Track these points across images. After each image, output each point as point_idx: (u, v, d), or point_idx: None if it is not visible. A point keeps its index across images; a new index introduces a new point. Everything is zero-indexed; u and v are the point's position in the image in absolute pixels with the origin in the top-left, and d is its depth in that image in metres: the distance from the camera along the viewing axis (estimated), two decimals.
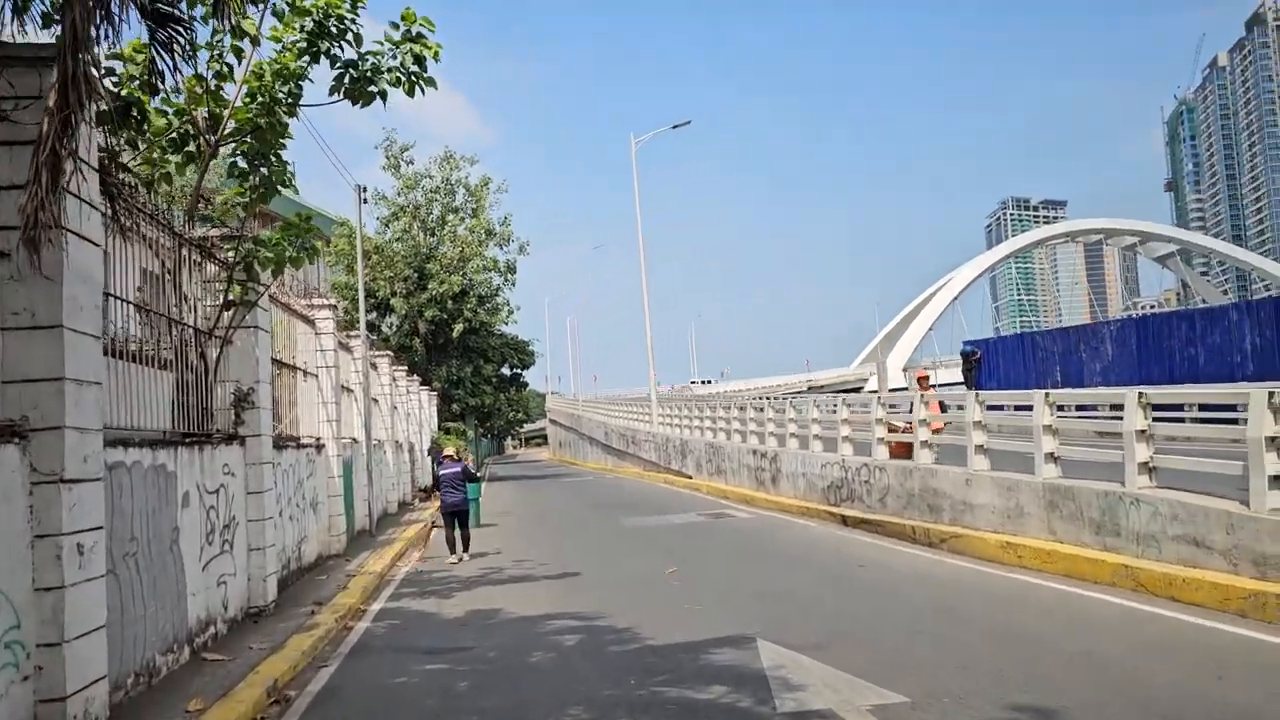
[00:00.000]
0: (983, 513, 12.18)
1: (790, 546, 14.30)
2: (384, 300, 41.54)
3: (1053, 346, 27.46)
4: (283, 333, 13.54)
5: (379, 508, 21.68)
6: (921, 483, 13.88)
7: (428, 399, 38.19)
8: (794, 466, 19.61)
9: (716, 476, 26.20)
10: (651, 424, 37.15)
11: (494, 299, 44.96)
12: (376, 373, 23.55)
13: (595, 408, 60.25)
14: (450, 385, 44.04)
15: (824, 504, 17.68)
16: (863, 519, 15.32)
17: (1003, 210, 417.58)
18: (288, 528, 12.08)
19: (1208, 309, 22.15)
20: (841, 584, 10.69)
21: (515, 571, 13.27)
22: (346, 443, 18.00)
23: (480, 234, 43.23)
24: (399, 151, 43.27)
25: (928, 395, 14.96)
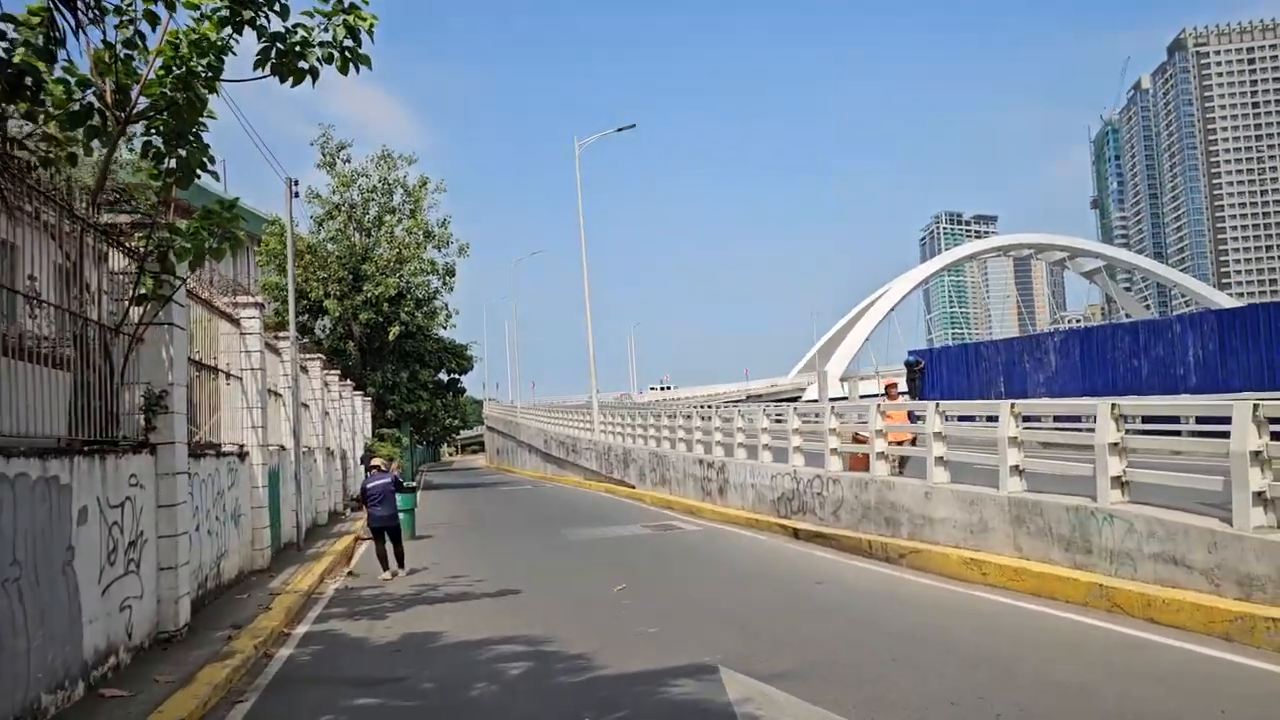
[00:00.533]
0: (943, 527, 11.75)
1: (743, 561, 13.73)
2: (317, 302, 40.20)
3: (996, 357, 27.45)
4: (204, 332, 12.59)
5: (308, 519, 20.62)
6: (878, 495, 13.42)
7: (361, 405, 36.95)
8: (742, 477, 19.09)
9: (661, 486, 25.60)
10: (593, 432, 36.44)
11: (431, 302, 43.90)
12: (307, 376, 22.47)
13: (534, 415, 59.31)
14: (385, 390, 42.81)
15: (774, 516, 17.17)
16: (816, 532, 14.83)
17: (936, 224, 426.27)
18: (206, 543, 11.14)
19: (1151, 321, 22.25)
20: (802, 603, 10.12)
21: (452, 589, 12.48)
22: (273, 450, 16.99)
23: (418, 235, 42.16)
24: (335, 148, 42.02)
25: (891, 405, 14.51)
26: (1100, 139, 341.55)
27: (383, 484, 14.21)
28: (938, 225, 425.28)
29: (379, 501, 14.08)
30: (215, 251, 9.16)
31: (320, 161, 42.11)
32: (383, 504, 14.06)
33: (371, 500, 14.12)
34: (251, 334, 14.18)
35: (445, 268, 43.48)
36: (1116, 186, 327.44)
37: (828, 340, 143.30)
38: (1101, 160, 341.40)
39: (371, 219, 42.49)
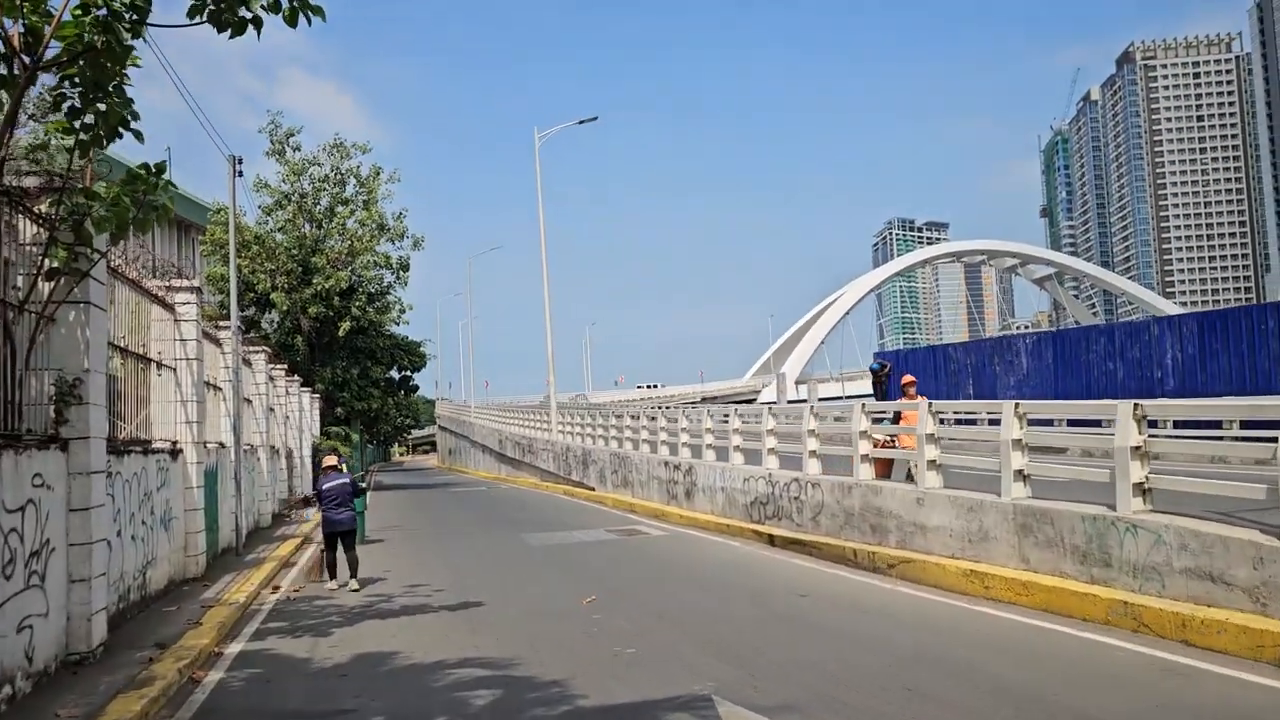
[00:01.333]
0: (938, 536, 10.97)
1: (717, 569, 12.86)
2: (264, 295, 38.64)
3: (965, 359, 26.94)
4: (133, 317, 11.41)
5: (249, 522, 19.38)
6: (863, 500, 12.62)
7: (310, 401, 35.54)
8: (712, 480, 18.23)
9: (623, 489, 24.68)
10: (551, 432, 35.41)
11: (384, 297, 42.49)
12: (250, 370, 21.19)
13: (489, 414, 58.06)
14: (335, 387, 41.34)
15: (746, 521, 16.34)
16: (793, 539, 14.00)
17: (889, 230, 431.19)
18: (129, 550, 10.00)
19: (1128, 323, 21.82)
20: (792, 621, 9.25)
21: (407, 600, 11.44)
22: (212, 448, 15.79)
23: (372, 228, 40.72)
24: (284, 136, 40.44)
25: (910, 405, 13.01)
26: (1050, 149, 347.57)
27: (339, 484, 12.87)
28: (890, 232, 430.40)
29: (336, 504, 12.79)
30: (139, 223, 8.06)
31: (269, 149, 40.50)
32: (340, 506, 12.80)
33: (327, 502, 12.82)
34: (187, 321, 13.00)
35: (399, 262, 42.11)
36: (1065, 195, 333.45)
37: (783, 343, 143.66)
38: (1051, 170, 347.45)
39: (323, 210, 40.96)
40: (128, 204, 7.89)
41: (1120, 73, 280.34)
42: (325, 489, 12.89)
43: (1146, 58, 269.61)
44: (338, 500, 12.79)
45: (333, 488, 12.85)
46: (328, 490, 12.86)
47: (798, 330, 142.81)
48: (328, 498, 12.82)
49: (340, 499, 12.79)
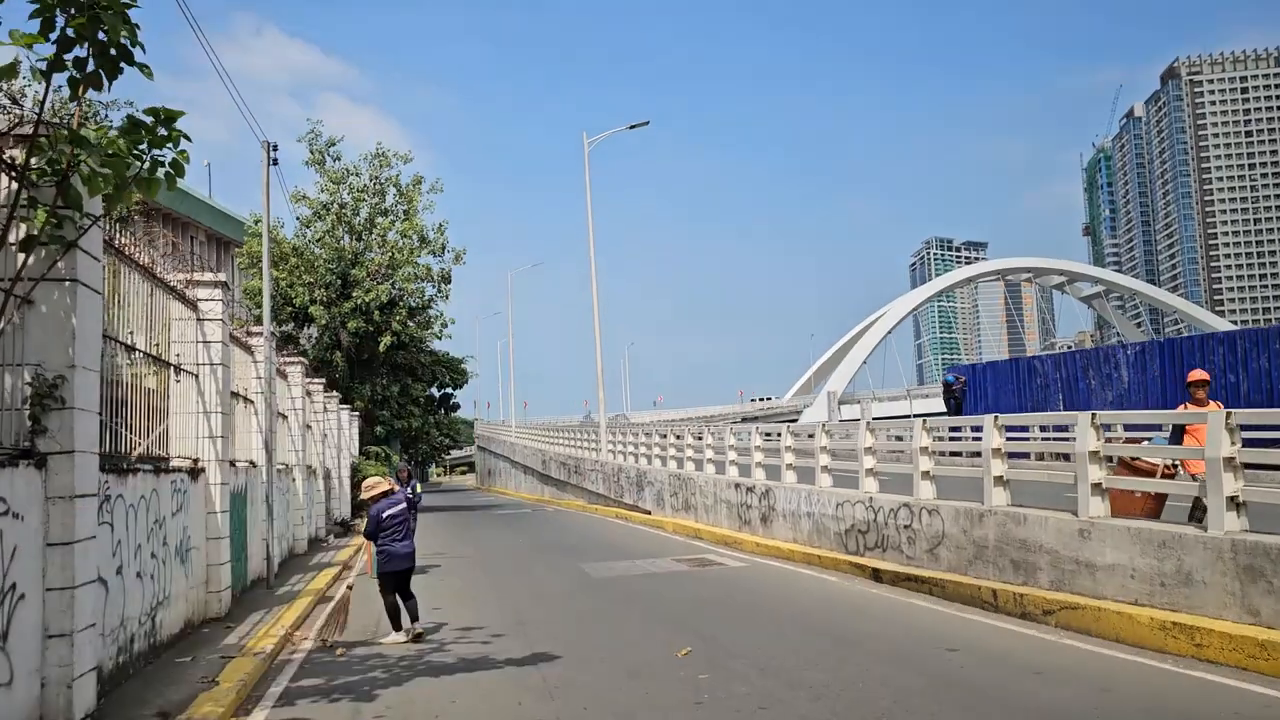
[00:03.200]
0: (1112, 577, 8.95)
1: (825, 611, 10.90)
2: (302, 309, 37.26)
3: (1055, 373, 24.78)
4: (145, 312, 9.74)
5: (283, 549, 17.72)
6: (1000, 531, 10.62)
7: (348, 419, 34.06)
8: (794, 504, 16.27)
9: (684, 513, 22.75)
10: (600, 452, 33.56)
11: (425, 311, 40.97)
12: (286, 383, 19.60)
13: (531, 434, 56.40)
14: (374, 405, 39.85)
15: (840, 552, 14.36)
16: (905, 574, 12.01)
17: (926, 249, 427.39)
18: (133, 590, 8.27)
19: (1253, 330, 19.62)
20: (962, 690, 7.27)
21: (463, 649, 9.61)
22: (242, 467, 14.14)
23: (413, 239, 39.31)
24: (325, 145, 39.21)
25: (1195, 417, 9.52)
26: (1092, 166, 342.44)
27: (399, 509, 10.47)
28: (928, 251, 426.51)
29: (397, 534, 10.36)
30: (148, 184, 6.40)
31: (308, 159, 39.31)
32: (403, 537, 10.40)
33: (386, 534, 10.33)
34: (211, 320, 11.32)
35: (440, 274, 40.60)
36: (1109, 213, 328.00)
37: (824, 363, 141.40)
38: (1094, 187, 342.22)
39: (362, 221, 39.61)
40: (127, 158, 6.24)
41: (1165, 89, 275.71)
42: (385, 516, 10.40)
43: (1192, 73, 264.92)
44: (399, 529, 10.42)
45: (393, 514, 10.43)
46: (387, 518, 10.39)
47: (839, 350, 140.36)
48: (387, 527, 10.38)
49: (403, 527, 10.46)
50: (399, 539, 10.39)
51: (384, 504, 10.45)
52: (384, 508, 10.42)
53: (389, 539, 10.35)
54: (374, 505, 10.50)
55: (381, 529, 10.38)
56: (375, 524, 10.41)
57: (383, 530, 10.37)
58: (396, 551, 10.35)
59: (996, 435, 11.03)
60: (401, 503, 10.58)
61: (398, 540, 10.39)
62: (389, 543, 10.35)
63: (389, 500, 10.50)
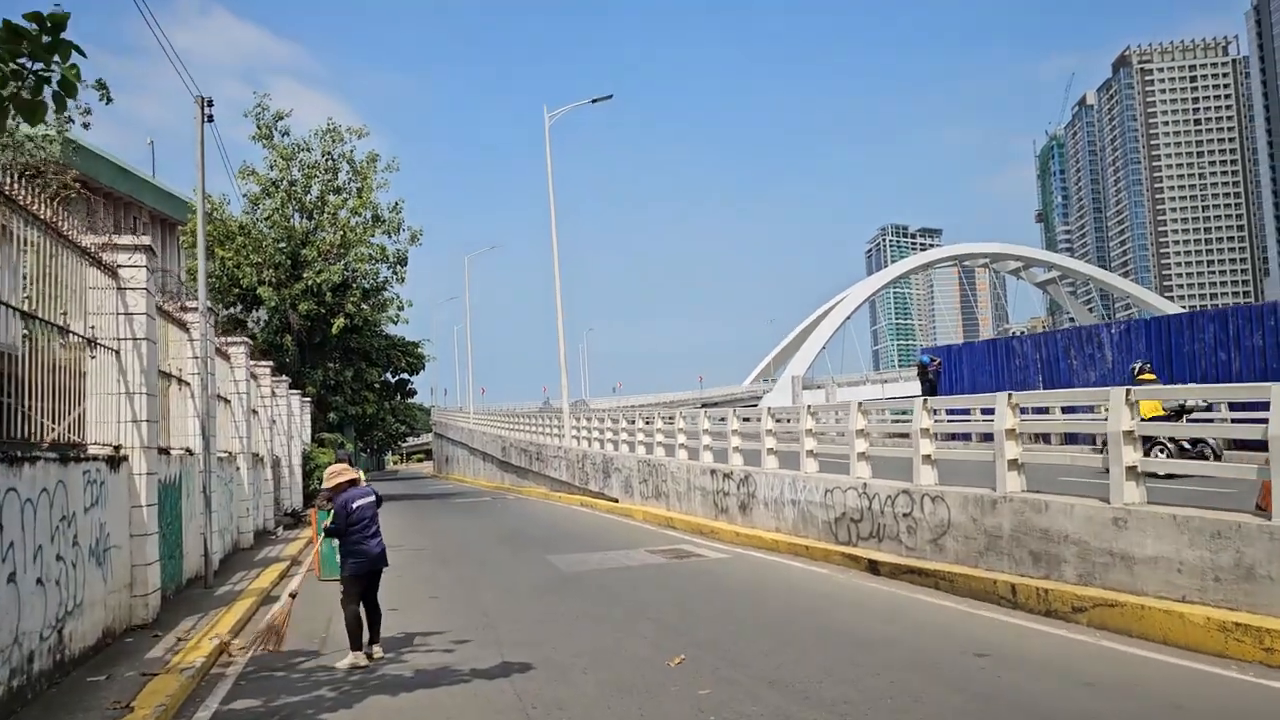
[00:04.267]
0: (1155, 571, 8.03)
1: (827, 611, 9.89)
2: (250, 290, 35.55)
3: (1034, 353, 24.08)
4: (49, 275, 8.43)
5: (225, 544, 16.39)
6: (1017, 520, 9.68)
7: (299, 405, 32.56)
8: (777, 491, 15.28)
9: (654, 500, 21.71)
10: (564, 438, 32.40)
11: (380, 293, 39.41)
12: (229, 365, 18.22)
13: (490, 420, 55.05)
14: (327, 390, 38.28)
15: (830, 542, 13.39)
16: (907, 567, 11.05)
17: (882, 236, 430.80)
18: (31, 601, 7.01)
19: (1247, 306, 18.99)
20: (996, 703, 6.30)
21: (425, 660, 8.46)
22: (178, 455, 12.83)
23: (366, 218, 37.71)
24: (273, 118, 37.41)
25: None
26: (1045, 153, 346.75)
27: (367, 501, 8.87)
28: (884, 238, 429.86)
29: (368, 529, 8.78)
30: (27, 106, 5.15)
31: (255, 133, 37.47)
32: (373, 534, 8.83)
33: (356, 530, 8.71)
34: (134, 289, 10.00)
35: (396, 255, 39.00)
36: (1061, 200, 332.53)
37: (782, 349, 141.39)
38: (1046, 174, 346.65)
39: (313, 199, 37.91)
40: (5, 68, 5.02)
41: (1116, 77, 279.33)
42: (355, 507, 8.74)
43: (1143, 61, 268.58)
44: (369, 524, 8.79)
45: (363, 506, 8.80)
46: (356, 509, 8.75)
47: (797, 336, 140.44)
48: (356, 522, 8.72)
49: (374, 522, 8.87)
50: (370, 535, 8.77)
51: (351, 494, 8.83)
52: (352, 499, 8.79)
53: (359, 536, 8.71)
54: (339, 496, 8.87)
55: (350, 525, 8.70)
56: (343, 518, 8.71)
57: (352, 526, 8.70)
58: (369, 551, 8.72)
59: (1010, 415, 10.08)
60: (371, 494, 8.96)
61: (370, 537, 8.76)
62: (360, 540, 8.71)
63: (357, 490, 8.89)
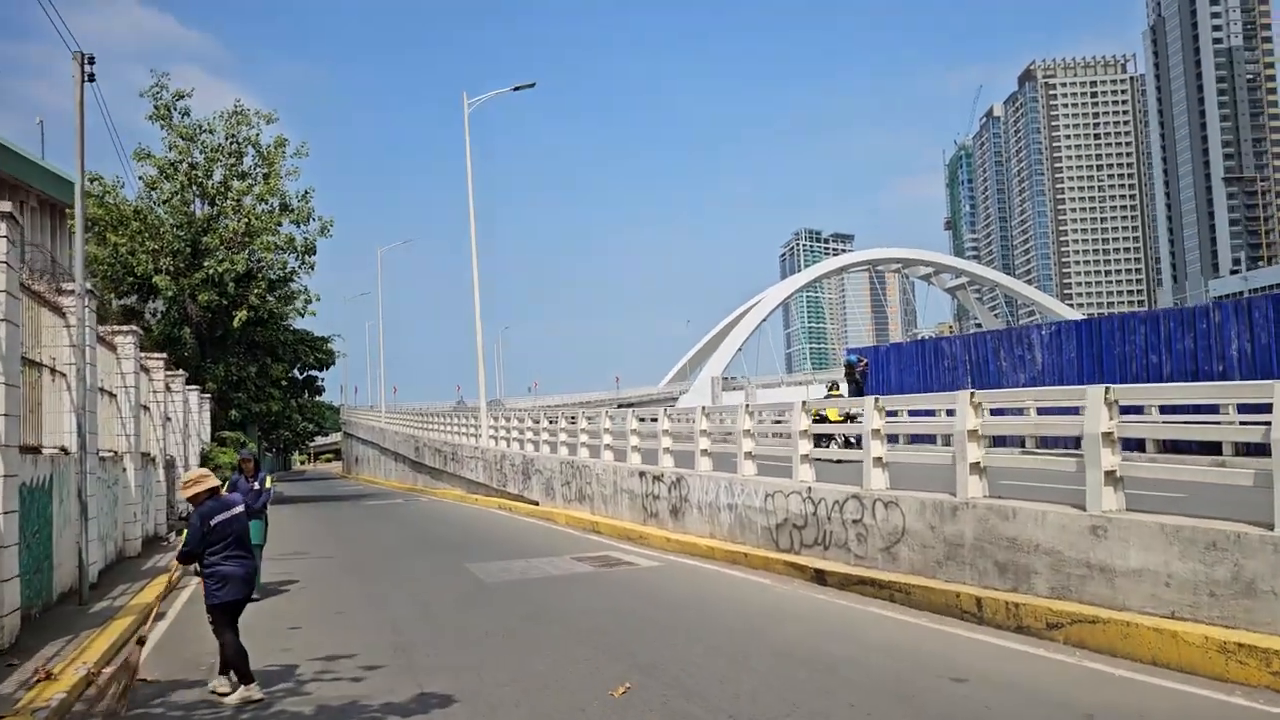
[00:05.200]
0: (1139, 584, 7.42)
1: (778, 627, 9.07)
2: (146, 278, 33.38)
3: (963, 354, 23.86)
4: None
5: (107, 552, 14.87)
6: (981, 528, 9.01)
7: (198, 402, 30.64)
8: (712, 495, 14.48)
9: (578, 504, 20.74)
10: (481, 438, 31.16)
11: (287, 285, 37.51)
12: (115, 356, 16.63)
13: (404, 419, 53.27)
14: (229, 387, 36.24)
15: (770, 549, 12.63)
16: (859, 577, 10.33)
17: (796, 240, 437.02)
18: None
19: (1179, 310, 18.95)
20: None
21: (329, 690, 7.35)
22: (50, 454, 11.39)
23: (273, 205, 35.83)
24: (172, 98, 35.24)
25: None
26: (954, 163, 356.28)
27: (233, 515, 7.37)
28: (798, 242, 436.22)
29: (233, 549, 7.29)
30: None
31: (152, 113, 35.24)
32: (240, 556, 7.34)
33: (218, 550, 7.21)
34: None
35: (304, 245, 37.11)
36: (969, 208, 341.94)
37: (699, 350, 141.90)
38: (955, 183, 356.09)
39: (216, 184, 35.84)
40: None
41: (1022, 90, 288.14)
42: (216, 523, 7.23)
43: (1047, 76, 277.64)
44: (234, 543, 7.29)
45: (226, 521, 7.28)
46: (218, 526, 7.23)
47: (714, 337, 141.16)
48: (217, 540, 7.20)
49: (239, 539, 7.36)
50: (235, 555, 7.29)
51: (211, 506, 7.29)
52: (212, 511, 7.25)
53: (221, 556, 7.21)
54: (197, 508, 7.30)
55: (210, 544, 7.18)
56: (198, 537, 7.14)
57: (212, 545, 7.19)
58: (233, 574, 7.26)
59: (973, 415, 9.43)
60: (237, 505, 7.49)
61: (234, 557, 7.27)
62: (223, 562, 7.21)
63: (218, 502, 7.35)
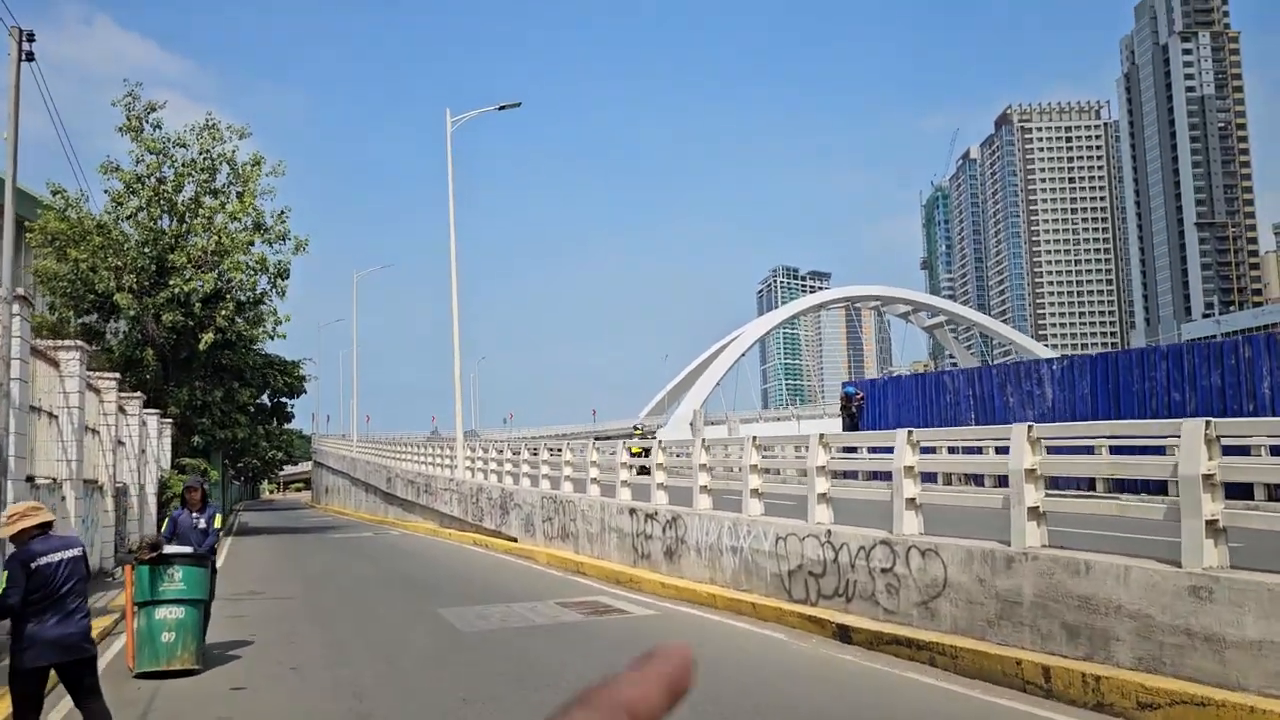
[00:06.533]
0: (1260, 660, 6.14)
1: (803, 695, 7.75)
2: (107, 296, 31.76)
3: (966, 389, 22.76)
4: None
5: None
6: (1044, 583, 7.74)
7: (157, 426, 28.96)
8: (713, 536, 13.15)
9: (560, 542, 19.32)
10: (456, 469, 29.66)
11: (257, 307, 35.97)
12: (58, 373, 15.15)
13: (376, 449, 51.58)
14: (192, 412, 34.53)
15: (780, 599, 11.32)
16: (894, 636, 9.02)
17: (773, 277, 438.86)
18: None
19: (1205, 344, 17.95)
20: None
21: None
22: None
23: (245, 223, 34.38)
24: (144, 110, 33.83)
25: None
26: (931, 203, 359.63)
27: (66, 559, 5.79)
28: (775, 279, 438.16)
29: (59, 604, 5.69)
30: None
31: (122, 125, 33.81)
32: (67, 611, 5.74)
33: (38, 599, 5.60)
34: None
35: (277, 267, 35.63)
36: (945, 248, 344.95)
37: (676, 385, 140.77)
38: (932, 223, 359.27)
39: (186, 200, 34.36)
40: None
41: (998, 133, 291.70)
42: (37, 567, 5.62)
43: (1023, 120, 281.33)
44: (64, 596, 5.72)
45: (48, 566, 5.67)
46: (37, 569, 5.61)
47: (691, 372, 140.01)
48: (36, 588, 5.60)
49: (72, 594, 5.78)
50: (62, 610, 5.69)
51: (35, 548, 5.71)
52: (33, 554, 5.67)
53: (40, 609, 5.61)
54: (20, 549, 5.75)
55: (30, 591, 5.56)
56: (19, 583, 5.54)
57: (32, 594, 5.57)
58: (42, 636, 5.60)
59: (1029, 452, 8.20)
60: (73, 548, 5.92)
61: (60, 613, 5.68)
62: (40, 615, 5.61)
63: (44, 542, 5.78)
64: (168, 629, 8.87)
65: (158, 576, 9.02)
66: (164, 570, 9.04)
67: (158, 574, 9.03)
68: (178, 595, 8.98)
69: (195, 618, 9.13)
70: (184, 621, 8.96)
